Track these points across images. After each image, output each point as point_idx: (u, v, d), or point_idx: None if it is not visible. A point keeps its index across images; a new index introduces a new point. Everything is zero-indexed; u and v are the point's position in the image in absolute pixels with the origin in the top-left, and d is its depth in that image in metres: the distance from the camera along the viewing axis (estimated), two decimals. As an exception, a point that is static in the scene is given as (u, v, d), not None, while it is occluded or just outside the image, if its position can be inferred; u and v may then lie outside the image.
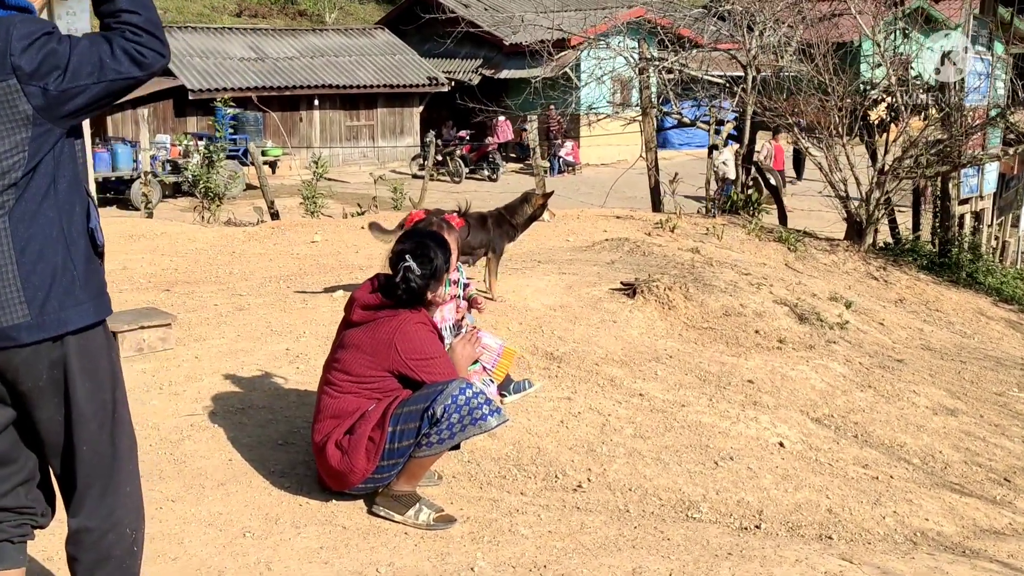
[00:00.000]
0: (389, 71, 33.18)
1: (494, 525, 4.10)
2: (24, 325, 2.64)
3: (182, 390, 5.29)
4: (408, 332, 4.03)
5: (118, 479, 2.89)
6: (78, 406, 2.77)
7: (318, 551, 3.76)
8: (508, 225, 7.20)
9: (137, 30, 2.65)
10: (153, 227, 12.06)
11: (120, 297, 7.55)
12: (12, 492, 2.88)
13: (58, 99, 2.59)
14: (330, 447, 4.05)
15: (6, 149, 2.58)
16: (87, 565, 2.87)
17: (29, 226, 2.64)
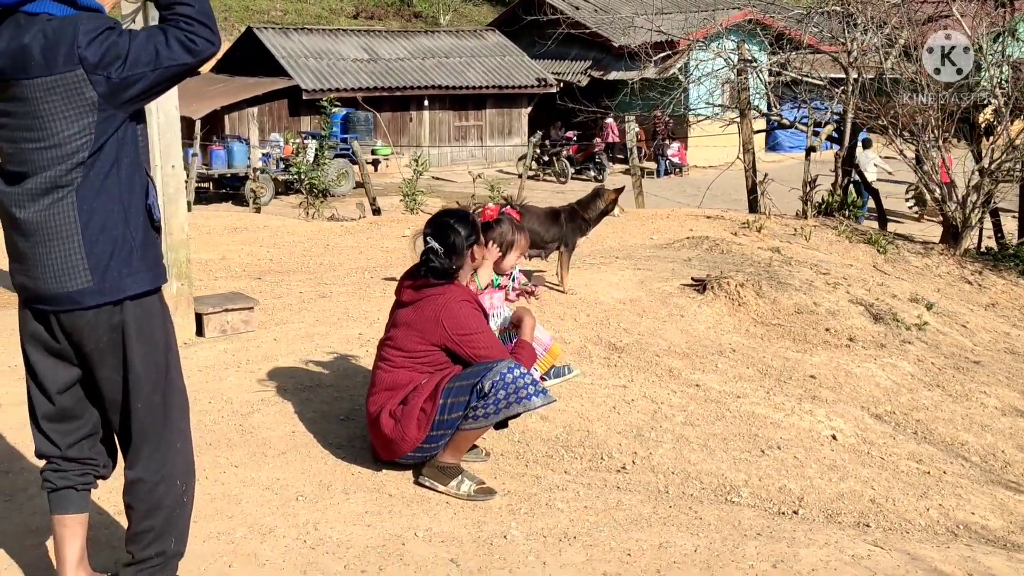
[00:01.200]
0: (498, 72, 33.58)
1: (533, 499, 4.32)
2: (87, 290, 2.95)
3: (257, 368, 5.64)
4: (452, 309, 4.30)
5: (169, 436, 3.19)
6: (134, 368, 3.07)
7: (363, 515, 4.04)
8: (580, 220, 7.42)
9: (190, 20, 2.93)
10: (257, 221, 12.59)
11: (215, 283, 7.99)
12: (77, 444, 3.21)
13: (119, 86, 2.88)
14: (384, 416, 4.33)
15: (74, 132, 2.88)
16: (140, 513, 3.17)
17: (93, 201, 2.94)
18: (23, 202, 2.93)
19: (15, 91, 2.86)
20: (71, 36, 2.82)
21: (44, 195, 2.90)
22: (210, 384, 5.39)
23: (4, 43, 2.86)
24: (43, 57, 2.81)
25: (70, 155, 2.88)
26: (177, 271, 6.03)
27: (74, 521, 3.22)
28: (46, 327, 3.05)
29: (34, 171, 2.89)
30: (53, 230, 2.92)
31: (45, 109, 2.85)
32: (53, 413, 3.16)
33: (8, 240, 3.03)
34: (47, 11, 2.87)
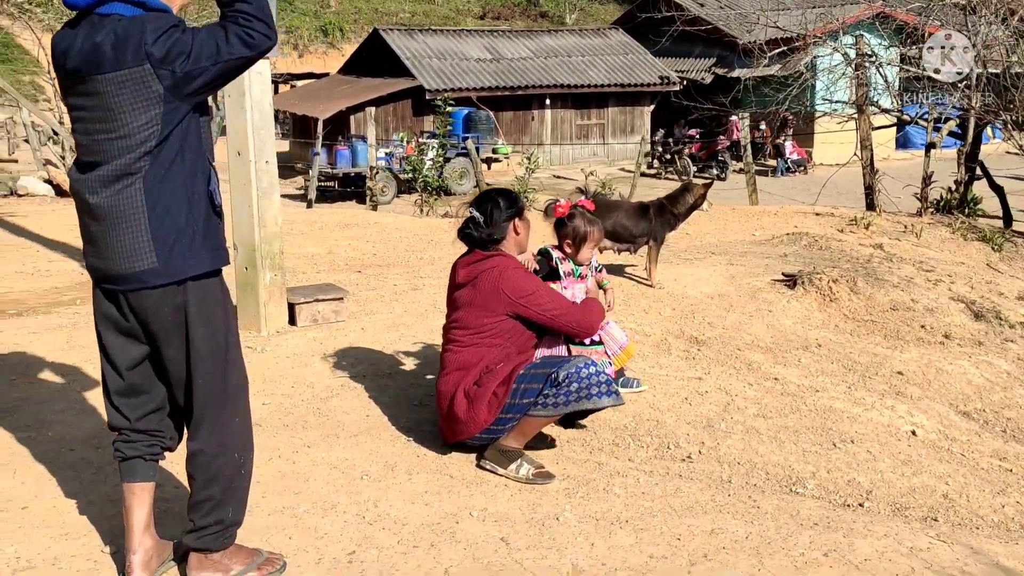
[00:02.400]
0: (621, 71, 33.57)
1: (590, 484, 4.43)
2: (153, 270, 3.17)
3: (342, 356, 5.87)
4: (508, 276, 4.50)
5: (228, 411, 3.39)
6: (196, 346, 3.29)
7: (423, 494, 4.20)
8: (669, 214, 7.46)
9: (248, 17, 3.13)
10: (368, 217, 12.92)
11: (317, 275, 8.28)
12: (145, 418, 3.44)
13: (184, 80, 3.09)
14: (459, 395, 4.49)
15: (143, 123, 3.10)
16: (201, 483, 3.39)
17: (159, 187, 3.16)
18: (95, 188, 3.16)
19: (89, 86, 3.09)
20: (139, 34, 3.04)
21: (115, 182, 3.13)
22: (295, 370, 5.63)
23: (79, 42, 3.10)
24: (114, 54, 3.03)
25: (139, 144, 3.10)
26: (271, 262, 6.29)
27: (141, 489, 3.45)
28: (116, 307, 3.28)
29: (106, 160, 3.12)
30: (122, 214, 3.14)
31: (116, 102, 3.07)
32: (123, 388, 3.39)
33: (81, 224, 3.28)
34: (118, 12, 3.10)
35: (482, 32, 35.54)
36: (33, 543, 3.67)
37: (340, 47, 44.74)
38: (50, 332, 6.41)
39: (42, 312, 7.09)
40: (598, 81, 32.66)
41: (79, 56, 3.09)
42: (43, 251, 9.99)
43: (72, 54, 3.11)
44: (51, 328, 6.52)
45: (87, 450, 4.53)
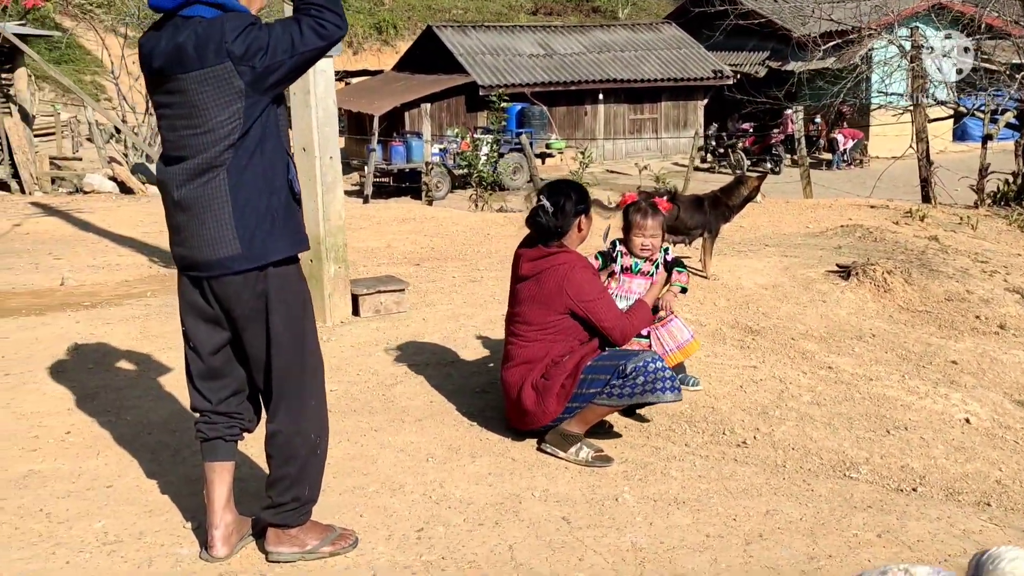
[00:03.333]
0: (674, 65, 33.56)
1: (648, 467, 4.56)
2: (236, 256, 3.35)
3: (405, 345, 6.06)
4: (573, 278, 4.58)
5: (305, 392, 3.57)
6: (275, 331, 3.47)
7: (486, 476, 4.37)
8: (724, 207, 7.57)
9: (320, 8, 3.29)
10: (425, 212, 13.13)
11: (377, 268, 8.48)
12: (226, 400, 3.63)
13: (263, 74, 3.26)
14: (527, 389, 4.63)
15: (225, 117, 3.28)
16: (278, 462, 3.57)
17: (241, 177, 3.34)
18: (181, 181, 3.35)
19: (174, 85, 3.28)
20: (219, 33, 3.22)
21: (200, 175, 3.32)
22: (360, 358, 5.83)
23: (163, 43, 3.30)
24: (196, 53, 3.22)
25: (222, 138, 3.28)
26: (335, 255, 6.49)
27: (222, 468, 3.64)
28: (201, 294, 3.47)
29: (191, 154, 3.31)
30: (207, 204, 3.33)
31: (199, 99, 3.26)
32: (205, 372, 3.58)
33: (168, 215, 3.47)
34: (199, 14, 3.28)
35: (535, 28, 35.71)
36: (120, 519, 3.89)
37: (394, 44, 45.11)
38: (123, 323, 6.66)
39: (115, 304, 7.34)
40: (651, 76, 32.67)
41: (164, 56, 3.28)
42: (112, 246, 10.28)
43: (157, 54, 3.30)
44: (124, 319, 6.76)
45: (164, 434, 4.75)
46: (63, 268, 8.93)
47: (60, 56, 33.43)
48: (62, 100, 30.04)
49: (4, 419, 4.95)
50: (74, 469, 4.36)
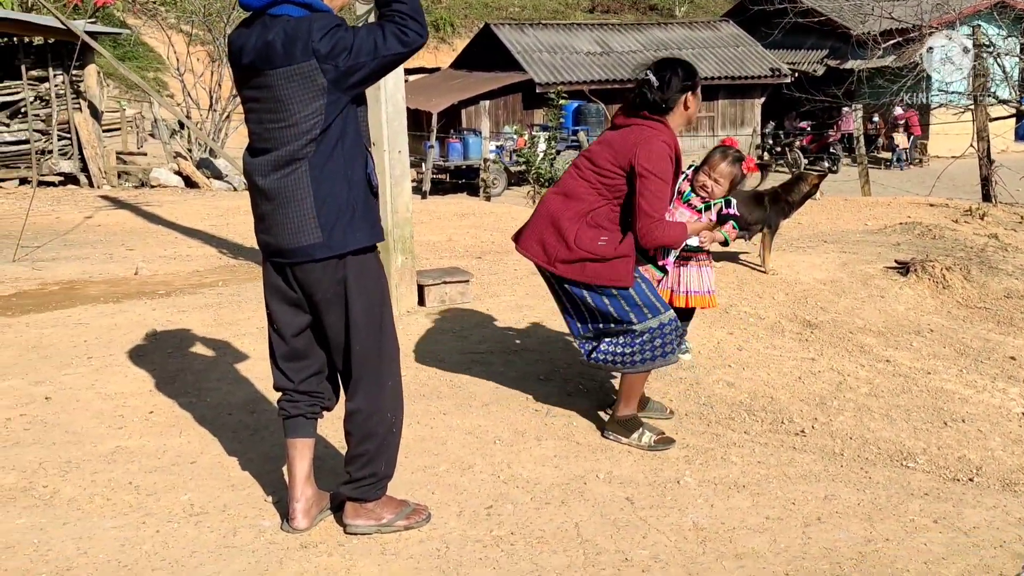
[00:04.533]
0: (731, 63, 33.51)
1: (709, 452, 4.70)
2: (318, 245, 3.54)
3: (470, 334, 6.24)
4: (651, 143, 4.47)
5: (382, 374, 3.75)
6: (354, 315, 3.65)
7: (552, 458, 4.53)
8: (783, 202, 7.67)
9: (403, 16, 3.47)
10: (484, 208, 13.32)
11: (439, 261, 8.67)
12: (307, 380, 3.82)
13: (345, 74, 3.44)
14: (555, 202, 4.69)
15: (308, 112, 3.47)
16: (357, 439, 3.75)
17: (323, 170, 3.53)
18: (266, 172, 3.54)
19: (262, 80, 3.47)
20: (307, 33, 3.40)
21: (284, 166, 3.51)
22: (427, 346, 6.01)
23: (253, 40, 3.49)
24: (284, 50, 3.41)
25: (305, 132, 3.47)
26: (402, 246, 6.68)
27: (303, 444, 3.84)
28: (284, 279, 3.66)
29: (276, 146, 3.50)
30: (290, 194, 3.52)
31: (285, 94, 3.44)
32: (288, 353, 3.78)
33: (253, 204, 3.67)
34: (287, 12, 3.47)
35: (592, 26, 35.80)
36: (204, 492, 4.10)
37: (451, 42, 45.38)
38: (198, 311, 6.90)
39: (188, 293, 7.59)
40: (708, 73, 32.60)
41: (253, 52, 3.47)
42: (181, 238, 10.58)
43: (247, 51, 3.49)
44: (198, 307, 7.00)
45: (243, 414, 4.96)
46: (136, 258, 9.21)
47: (124, 53, 34.07)
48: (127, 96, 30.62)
49: (91, 399, 5.19)
50: (159, 446, 4.58)
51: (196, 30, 24.90)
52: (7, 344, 6.18)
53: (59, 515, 3.89)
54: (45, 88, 16.82)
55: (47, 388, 5.36)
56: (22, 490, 4.13)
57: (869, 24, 19.93)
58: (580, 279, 4.60)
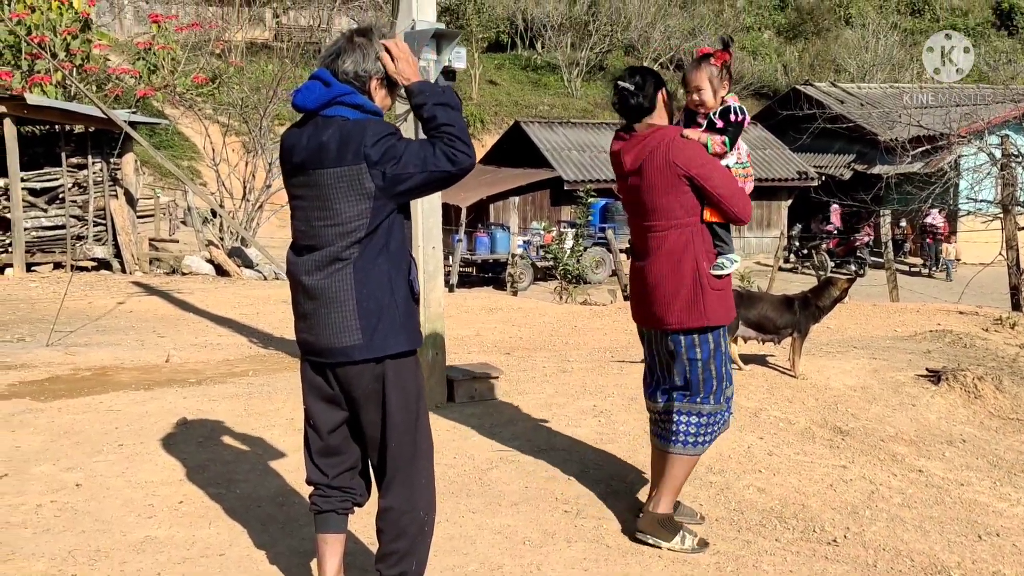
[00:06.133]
0: (759, 165, 33.74)
1: (740, 560, 4.65)
2: (357, 346, 3.59)
3: (499, 431, 6.23)
4: (677, 146, 4.47)
5: (416, 472, 3.77)
6: (391, 413, 3.68)
7: (581, 561, 4.49)
8: (813, 307, 7.67)
9: (452, 138, 3.56)
10: (512, 303, 13.38)
11: (467, 356, 8.69)
12: (340, 475, 3.84)
13: (392, 181, 3.52)
14: (683, 276, 4.55)
15: (354, 214, 3.54)
16: (389, 536, 3.75)
17: (367, 273, 3.59)
18: (311, 270, 3.61)
19: (311, 178, 3.56)
20: (360, 136, 3.49)
21: (328, 265, 3.57)
22: (456, 442, 6.00)
23: (305, 140, 3.58)
24: (337, 152, 3.49)
25: (350, 233, 3.54)
26: (433, 341, 6.72)
27: (334, 539, 3.84)
28: (323, 377, 3.70)
29: (321, 245, 3.57)
30: (333, 295, 3.58)
31: (333, 194, 3.52)
32: (323, 449, 3.80)
33: (295, 304, 3.72)
34: (341, 114, 3.57)
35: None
36: (233, 586, 4.08)
37: (480, 138, 45.98)
38: (228, 400, 6.93)
39: (218, 382, 7.63)
40: (735, 175, 32.83)
41: (305, 152, 3.56)
42: (212, 326, 10.66)
43: (299, 149, 3.59)
44: (228, 396, 7.04)
45: (272, 507, 4.96)
46: (167, 345, 9.29)
47: (160, 142, 34.70)
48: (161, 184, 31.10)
49: (121, 487, 5.21)
50: (188, 537, 4.58)
51: (232, 121, 25.36)
52: (39, 429, 6.22)
53: (88, 605, 3.89)
54: (83, 175, 17.13)
55: (78, 475, 5.39)
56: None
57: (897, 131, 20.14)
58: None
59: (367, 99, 3.61)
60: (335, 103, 3.55)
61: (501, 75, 52.88)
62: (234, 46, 36.73)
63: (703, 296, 4.58)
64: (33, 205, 16.64)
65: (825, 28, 57.80)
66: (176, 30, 21.50)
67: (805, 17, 58.84)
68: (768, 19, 60.18)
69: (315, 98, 3.57)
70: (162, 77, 19.71)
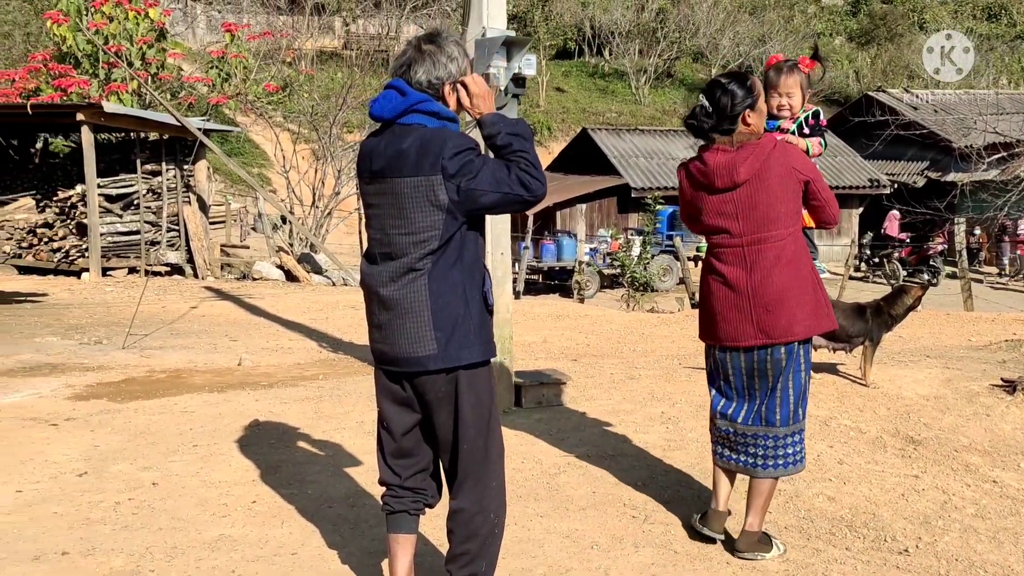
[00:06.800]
0: (830, 172, 33.38)
1: (809, 567, 4.62)
2: (432, 356, 3.63)
3: (566, 436, 6.25)
4: (791, 150, 4.44)
5: (487, 475, 3.80)
6: (463, 416, 3.72)
7: (649, 566, 4.49)
8: (886, 315, 7.58)
9: (527, 164, 3.58)
10: (579, 310, 13.40)
11: (534, 362, 8.73)
12: (413, 476, 3.89)
13: (466, 196, 3.55)
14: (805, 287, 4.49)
15: (426, 224, 3.59)
16: (459, 538, 3.79)
17: (441, 284, 3.63)
18: (385, 281, 3.66)
19: (387, 187, 3.61)
20: (439, 147, 3.53)
21: (403, 275, 3.62)
22: (524, 447, 6.04)
23: (383, 147, 3.64)
24: (416, 160, 3.54)
25: (423, 243, 3.58)
26: (501, 347, 6.75)
27: (405, 539, 3.89)
28: (397, 384, 3.76)
29: (396, 254, 3.62)
30: (408, 305, 3.62)
31: (408, 203, 3.57)
32: (396, 451, 3.86)
33: (370, 314, 3.78)
34: (418, 122, 3.62)
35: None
36: (305, 584, 4.15)
37: (548, 145, 46.07)
38: (299, 403, 7.03)
39: (289, 385, 7.75)
40: (805, 182, 32.52)
41: (384, 160, 3.61)
42: (282, 330, 10.82)
43: (377, 157, 3.64)
44: (299, 399, 7.14)
45: (344, 508, 5.03)
46: (239, 349, 9.44)
47: (231, 149, 35.22)
48: (232, 191, 31.58)
49: (196, 486, 5.31)
50: (261, 536, 4.66)
51: (302, 129, 25.68)
52: (117, 429, 6.36)
53: (165, 600, 3.97)
54: (157, 182, 17.47)
55: (154, 474, 5.51)
56: (129, 573, 4.24)
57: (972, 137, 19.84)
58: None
59: (442, 105, 3.66)
60: (411, 111, 3.60)
61: (568, 82, 52.95)
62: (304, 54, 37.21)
63: (825, 300, 4.59)
64: (109, 211, 17.01)
65: (898, 33, 56.99)
66: (248, 39, 21.85)
67: (878, 22, 58.09)
68: (840, 24, 59.55)
69: (392, 107, 3.62)
70: (234, 85, 20.03)
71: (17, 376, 8.11)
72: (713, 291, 4.61)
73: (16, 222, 17.45)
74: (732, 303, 4.53)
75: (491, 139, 3.62)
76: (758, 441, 4.63)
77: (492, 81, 6.57)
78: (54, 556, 4.42)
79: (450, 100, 3.70)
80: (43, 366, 8.56)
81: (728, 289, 4.54)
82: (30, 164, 19.19)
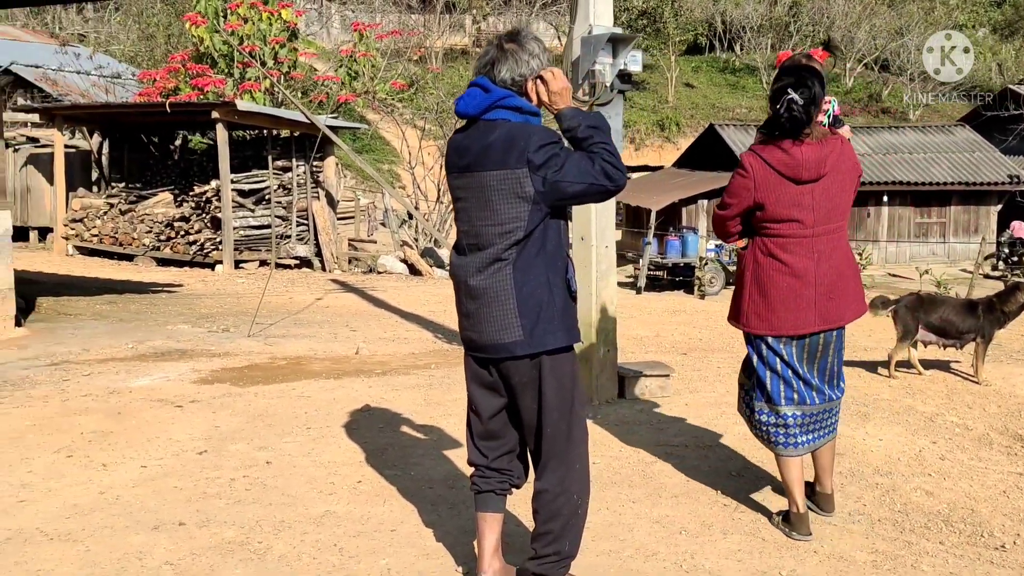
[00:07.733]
0: (965, 168, 32.48)
1: (899, 559, 4.63)
2: (518, 342, 3.80)
3: (666, 426, 6.36)
4: (848, 145, 4.67)
5: (570, 456, 3.95)
6: (547, 399, 3.88)
7: (735, 552, 4.58)
8: (999, 312, 7.47)
9: (609, 154, 3.73)
10: (695, 305, 13.43)
11: (644, 355, 8.83)
12: (499, 458, 4.06)
13: (552, 187, 3.71)
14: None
15: (512, 216, 3.75)
16: (543, 518, 3.94)
17: (525, 273, 3.79)
18: (473, 272, 3.84)
19: (474, 180, 3.78)
20: (525, 141, 3.69)
21: (489, 265, 3.79)
22: (623, 436, 6.16)
23: (470, 142, 3.81)
24: (502, 155, 3.71)
25: (508, 233, 3.75)
26: (604, 338, 6.89)
27: (493, 519, 4.06)
28: (485, 369, 3.93)
29: (483, 246, 3.79)
30: (495, 294, 3.79)
31: (495, 196, 3.74)
32: (484, 432, 4.03)
33: (459, 302, 3.96)
34: (504, 117, 3.78)
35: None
36: (401, 558, 4.36)
37: (675, 141, 45.85)
38: (409, 390, 7.29)
39: (402, 373, 8.01)
40: (940, 179, 31.75)
41: (471, 154, 3.79)
42: (401, 321, 11.13)
43: (464, 152, 3.82)
44: (410, 387, 7.40)
45: (443, 489, 5.24)
46: (358, 339, 9.77)
47: (362, 146, 36.02)
48: (362, 187, 32.30)
49: (306, 465, 5.59)
50: (364, 513, 4.90)
51: (429, 125, 26.15)
52: (237, 411, 6.70)
53: (270, 569, 4.24)
54: (288, 178, 18.05)
55: (269, 453, 5.81)
56: (240, 544, 4.51)
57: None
58: None
59: (525, 100, 3.81)
60: (495, 107, 3.77)
61: (698, 78, 52.58)
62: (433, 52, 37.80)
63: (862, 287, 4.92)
64: (241, 206, 17.65)
65: (1044, 25, 55.00)
66: (377, 38, 22.34)
67: (1023, 14, 56.11)
68: (983, 16, 57.66)
69: (476, 104, 3.80)
70: (363, 83, 20.53)
71: (149, 361, 8.58)
72: (776, 281, 4.70)
73: (155, 216, 18.26)
74: (796, 292, 4.65)
75: (571, 132, 3.76)
76: (831, 413, 4.91)
77: (598, 77, 6.71)
78: (172, 526, 4.73)
79: (532, 95, 3.85)
80: (173, 352, 9.02)
81: (793, 279, 4.65)
82: (169, 160, 20.04)
